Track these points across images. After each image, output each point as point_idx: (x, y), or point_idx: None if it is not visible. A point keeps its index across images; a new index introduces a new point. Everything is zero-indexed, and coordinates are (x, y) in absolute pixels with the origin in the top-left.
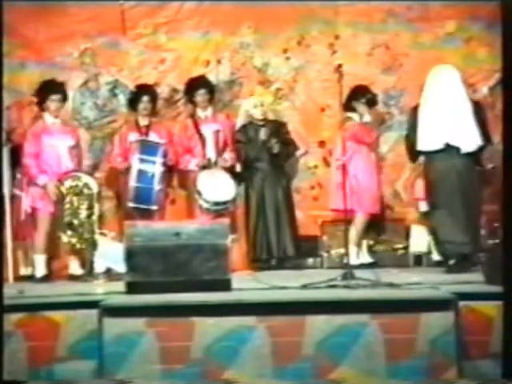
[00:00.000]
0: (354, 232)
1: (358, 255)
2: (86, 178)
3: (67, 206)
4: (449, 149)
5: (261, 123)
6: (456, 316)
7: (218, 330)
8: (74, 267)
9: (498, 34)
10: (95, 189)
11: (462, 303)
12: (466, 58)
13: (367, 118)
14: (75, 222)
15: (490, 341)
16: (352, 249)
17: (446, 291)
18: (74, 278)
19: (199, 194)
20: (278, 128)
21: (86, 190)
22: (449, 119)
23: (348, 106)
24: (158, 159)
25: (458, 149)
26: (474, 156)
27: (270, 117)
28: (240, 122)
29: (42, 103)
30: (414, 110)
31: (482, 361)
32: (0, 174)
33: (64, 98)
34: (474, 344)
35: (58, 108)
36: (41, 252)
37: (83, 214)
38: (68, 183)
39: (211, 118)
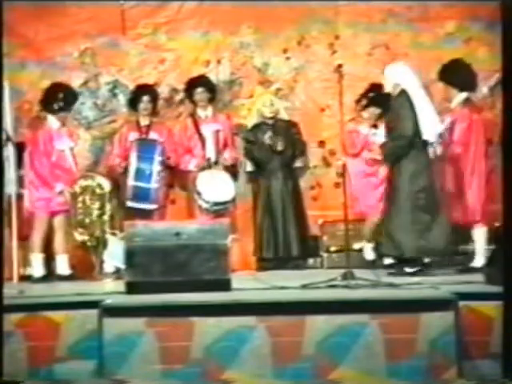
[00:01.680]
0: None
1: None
2: (99, 178)
3: (80, 204)
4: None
5: (271, 123)
6: (456, 316)
7: (218, 330)
8: (63, 267)
9: (497, 34)
10: (107, 189)
11: (462, 303)
12: (465, 58)
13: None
14: (87, 220)
15: (490, 341)
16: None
17: (446, 291)
18: (62, 278)
19: (199, 194)
20: (288, 128)
21: (98, 190)
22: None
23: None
24: (156, 157)
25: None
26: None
27: (283, 116)
28: (252, 121)
29: (48, 106)
30: (399, 101)
31: (481, 361)
32: (0, 173)
33: (72, 102)
34: (474, 344)
35: (65, 113)
36: (38, 251)
37: (95, 213)
38: (81, 182)
39: (211, 117)
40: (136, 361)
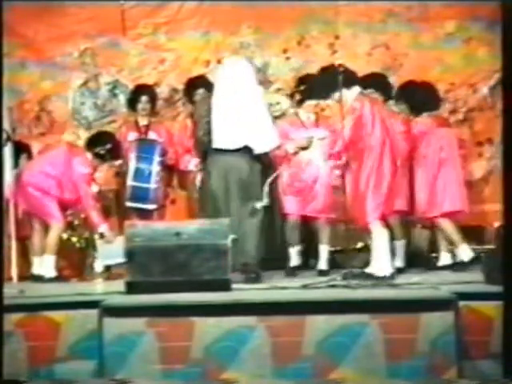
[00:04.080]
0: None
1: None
2: None
3: None
4: (239, 149)
5: None
6: (456, 316)
7: (218, 330)
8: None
9: (497, 34)
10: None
11: (462, 303)
12: (465, 58)
13: None
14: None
15: (490, 341)
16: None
17: (446, 291)
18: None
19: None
20: None
21: None
22: (245, 117)
23: None
24: (155, 157)
25: (247, 149)
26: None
27: None
28: None
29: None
30: (203, 105)
31: (481, 361)
32: (0, 173)
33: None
34: (474, 344)
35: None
36: (52, 253)
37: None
38: None
39: None
40: (136, 361)
